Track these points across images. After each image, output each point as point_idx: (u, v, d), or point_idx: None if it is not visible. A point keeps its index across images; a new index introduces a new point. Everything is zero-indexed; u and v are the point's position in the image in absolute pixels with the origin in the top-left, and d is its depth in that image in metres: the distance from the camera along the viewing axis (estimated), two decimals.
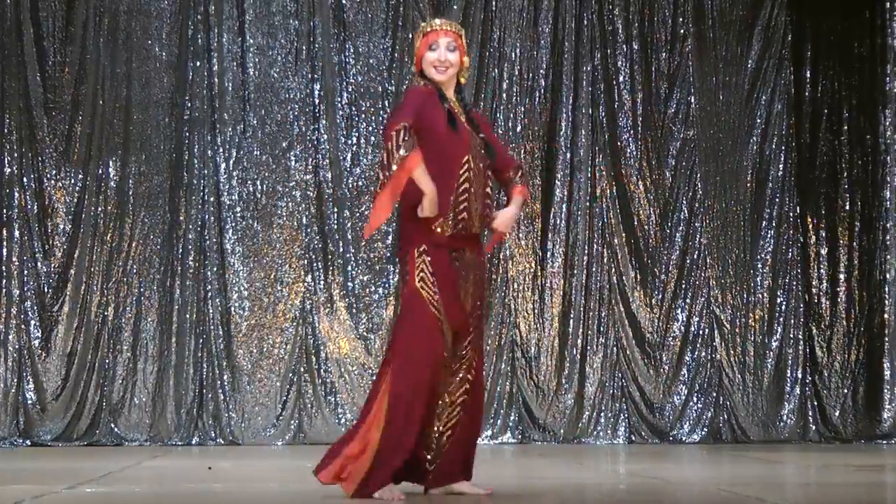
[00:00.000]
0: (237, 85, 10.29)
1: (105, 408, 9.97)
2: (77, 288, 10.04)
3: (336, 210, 10.25)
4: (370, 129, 10.34)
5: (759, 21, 10.79)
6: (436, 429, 5.38)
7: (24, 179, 10.08)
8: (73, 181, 10.15)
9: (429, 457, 5.39)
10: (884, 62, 10.74)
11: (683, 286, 10.57)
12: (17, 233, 10.04)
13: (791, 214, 10.72)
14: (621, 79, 10.66)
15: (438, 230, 5.32)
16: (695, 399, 10.47)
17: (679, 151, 10.67)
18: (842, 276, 10.70)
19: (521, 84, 10.56)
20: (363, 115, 10.33)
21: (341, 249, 10.21)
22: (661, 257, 10.59)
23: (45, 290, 10.03)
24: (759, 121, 10.73)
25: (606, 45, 10.64)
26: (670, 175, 10.65)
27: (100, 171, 10.16)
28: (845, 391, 10.58)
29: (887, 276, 10.61)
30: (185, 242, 10.17)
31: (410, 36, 10.02)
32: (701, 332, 10.54)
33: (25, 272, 10.02)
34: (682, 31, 10.73)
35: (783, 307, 10.63)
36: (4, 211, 10.05)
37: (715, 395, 10.46)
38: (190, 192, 10.21)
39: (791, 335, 10.62)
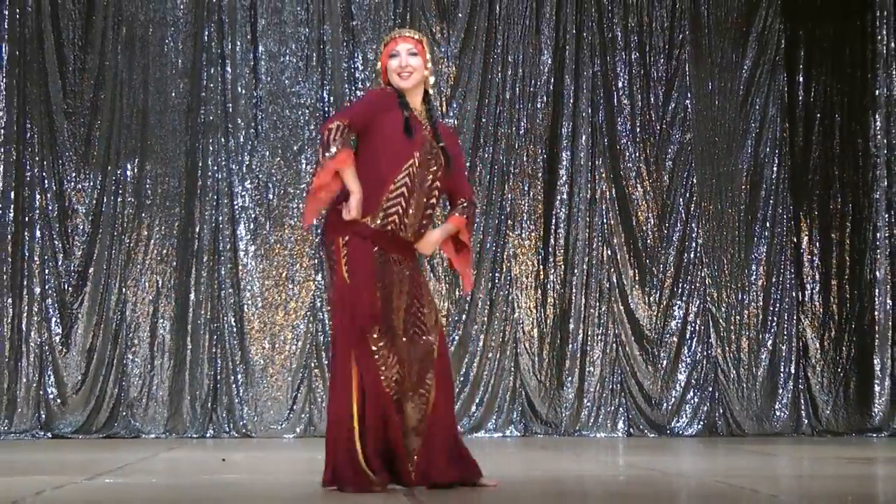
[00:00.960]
0: (250, 90, 10.36)
1: (123, 402, 10.06)
2: (96, 286, 10.13)
3: None
4: None
5: (753, 28, 10.85)
6: (409, 421, 5.18)
7: (45, 182, 10.17)
8: (92, 183, 10.24)
9: (409, 450, 5.17)
10: (874, 68, 10.80)
11: (681, 285, 10.63)
12: (38, 233, 10.13)
13: (785, 215, 10.77)
14: (620, 84, 10.73)
15: (362, 221, 5.17)
16: (691, 394, 10.54)
17: (676, 155, 10.74)
18: (834, 276, 10.76)
19: (524, 89, 10.63)
20: None
21: None
22: (658, 257, 10.66)
23: (66, 288, 10.12)
24: (753, 125, 10.80)
25: (606, 52, 10.71)
26: (668, 177, 10.71)
27: (118, 174, 10.24)
28: (837, 386, 10.64)
29: (877, 274, 10.66)
30: (199, 242, 10.24)
31: None
32: (697, 329, 10.60)
33: (46, 271, 10.10)
34: (679, 38, 10.79)
35: (777, 305, 10.69)
36: (26, 212, 10.13)
37: (711, 389, 10.52)
38: (204, 194, 10.28)
39: (784, 332, 10.68)
